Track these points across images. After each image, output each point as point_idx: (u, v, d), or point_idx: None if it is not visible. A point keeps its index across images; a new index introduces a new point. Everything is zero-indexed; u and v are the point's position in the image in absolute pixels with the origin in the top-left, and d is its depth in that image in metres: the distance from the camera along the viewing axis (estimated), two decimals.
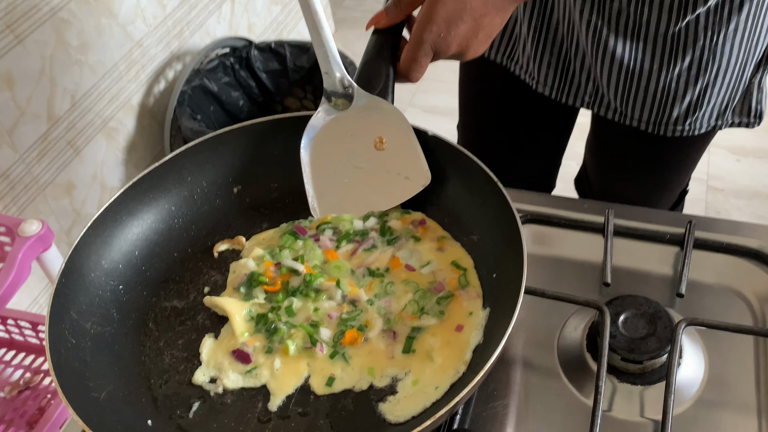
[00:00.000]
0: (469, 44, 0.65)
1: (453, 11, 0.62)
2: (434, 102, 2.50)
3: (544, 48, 0.91)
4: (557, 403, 0.66)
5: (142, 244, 0.69)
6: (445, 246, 0.69)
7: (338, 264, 0.67)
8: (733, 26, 0.79)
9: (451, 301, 0.64)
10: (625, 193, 1.04)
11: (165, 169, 0.70)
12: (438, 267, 0.67)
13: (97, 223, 0.65)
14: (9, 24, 1.40)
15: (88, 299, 0.63)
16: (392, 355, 0.61)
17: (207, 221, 0.72)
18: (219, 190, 0.73)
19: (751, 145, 2.26)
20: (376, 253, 0.68)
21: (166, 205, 0.71)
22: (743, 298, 0.73)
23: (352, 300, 0.65)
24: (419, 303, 0.64)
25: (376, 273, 0.67)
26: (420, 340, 0.62)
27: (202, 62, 1.96)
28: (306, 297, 0.65)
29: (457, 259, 0.68)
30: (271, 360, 0.61)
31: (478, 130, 1.13)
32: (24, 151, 1.50)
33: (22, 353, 1.31)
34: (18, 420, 1.21)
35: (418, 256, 0.68)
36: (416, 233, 0.69)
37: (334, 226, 0.70)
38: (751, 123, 0.91)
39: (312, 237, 0.70)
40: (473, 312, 0.64)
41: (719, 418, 0.64)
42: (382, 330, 0.63)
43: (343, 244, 0.69)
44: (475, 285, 0.66)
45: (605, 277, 0.73)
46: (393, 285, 0.66)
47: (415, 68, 0.65)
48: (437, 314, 0.64)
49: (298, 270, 0.66)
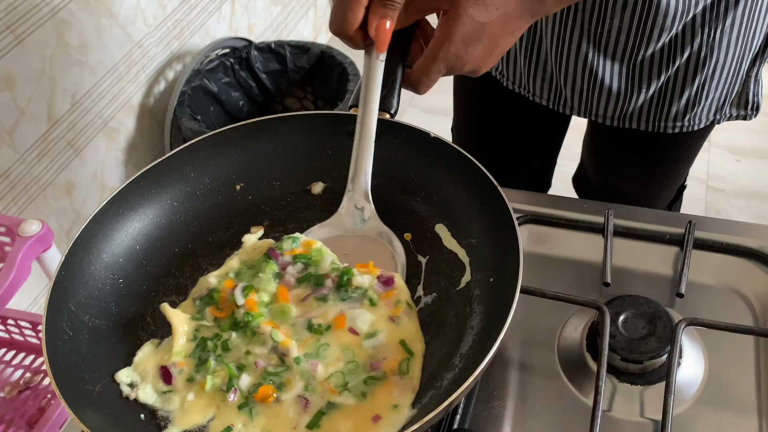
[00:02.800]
0: (484, 64, 0.64)
1: (472, 32, 0.61)
2: (434, 102, 2.50)
3: (537, 67, 0.91)
4: (557, 403, 0.66)
5: (144, 238, 0.69)
6: (400, 317, 0.62)
7: (283, 308, 0.63)
8: (730, 21, 0.80)
9: (380, 385, 0.58)
10: (624, 190, 1.04)
11: (168, 164, 0.70)
12: (383, 342, 0.60)
13: (99, 217, 0.65)
14: (9, 24, 1.41)
15: (87, 292, 0.63)
16: (296, 425, 0.56)
17: (209, 217, 0.72)
18: (221, 186, 0.73)
19: (751, 145, 2.26)
20: (324, 306, 0.63)
21: (168, 200, 0.71)
22: (743, 298, 0.73)
23: (282, 353, 0.60)
24: (345, 376, 0.58)
25: (315, 329, 0.61)
26: (330, 417, 0.56)
27: (202, 62, 1.96)
28: (244, 335, 0.61)
29: (408, 339, 0.61)
30: (188, 390, 0.59)
31: (472, 133, 1.13)
32: (24, 151, 1.50)
33: (22, 353, 1.31)
34: (18, 420, 1.21)
35: (367, 321, 0.62)
36: (374, 296, 0.63)
37: (308, 263, 0.66)
38: (748, 115, 0.92)
39: (281, 265, 0.66)
40: (399, 406, 0.57)
41: (719, 418, 0.64)
42: (298, 395, 0.58)
43: (302, 285, 0.65)
44: (414, 376, 0.59)
45: (605, 277, 0.73)
46: (327, 348, 0.60)
47: (426, 82, 0.64)
48: (358, 395, 0.57)
49: (239, 303, 0.62)
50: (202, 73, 1.93)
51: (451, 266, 0.66)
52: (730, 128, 2.29)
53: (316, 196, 0.73)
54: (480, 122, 1.11)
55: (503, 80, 0.97)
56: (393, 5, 0.62)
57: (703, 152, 2.28)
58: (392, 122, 0.69)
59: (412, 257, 0.68)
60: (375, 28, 0.62)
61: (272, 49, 2.04)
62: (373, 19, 0.62)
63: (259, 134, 0.73)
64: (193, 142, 0.71)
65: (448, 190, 0.69)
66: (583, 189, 1.17)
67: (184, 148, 0.71)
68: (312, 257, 0.66)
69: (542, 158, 1.16)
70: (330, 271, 0.65)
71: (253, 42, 2.08)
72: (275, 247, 0.67)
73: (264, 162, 0.73)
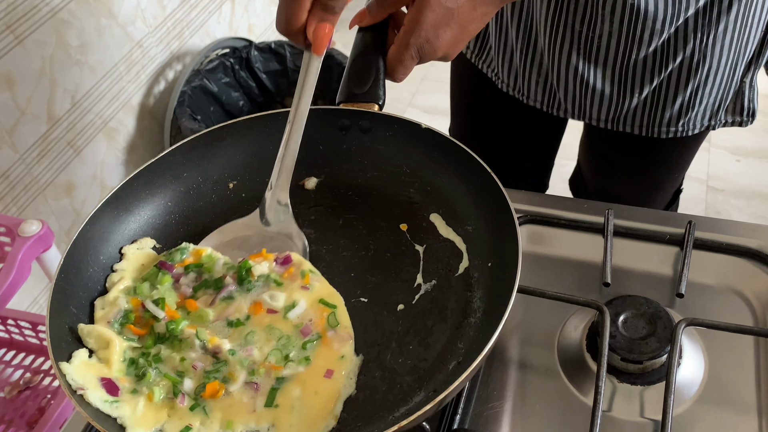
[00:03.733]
0: (455, 49, 0.66)
1: (441, 17, 0.63)
2: (434, 102, 2.50)
3: (532, 69, 0.92)
4: (557, 403, 0.66)
5: (139, 239, 0.69)
6: (311, 282, 0.64)
7: (200, 313, 0.62)
8: (723, 27, 0.80)
9: (319, 345, 0.60)
10: (620, 193, 1.04)
11: (161, 165, 0.70)
12: (305, 308, 0.62)
13: (95, 219, 0.65)
14: (9, 24, 1.41)
15: (87, 294, 0.63)
16: (254, 408, 0.57)
17: (203, 216, 0.72)
18: (214, 185, 0.73)
19: (751, 145, 2.26)
20: (234, 303, 0.63)
21: (163, 200, 0.71)
22: (743, 298, 0.73)
23: (214, 351, 0.60)
24: (282, 351, 0.59)
25: (236, 324, 0.62)
26: (284, 390, 0.57)
27: (202, 63, 1.97)
28: (171, 345, 0.60)
29: (326, 296, 0.63)
30: (136, 401, 0.58)
31: (468, 136, 1.13)
32: (24, 151, 1.50)
33: (22, 353, 1.31)
34: (18, 420, 1.21)
35: (282, 297, 0.63)
36: (277, 278, 0.64)
37: (201, 271, 0.65)
38: (744, 121, 0.92)
39: (174, 277, 0.65)
40: (345, 356, 0.59)
41: (719, 419, 0.64)
42: (245, 383, 0.58)
43: (200, 293, 0.64)
44: (345, 325, 0.61)
45: (605, 277, 0.73)
46: (254, 333, 0.61)
47: (401, 70, 0.66)
48: (302, 360, 0.59)
49: (158, 317, 0.61)
50: (202, 73, 1.93)
51: (448, 253, 0.67)
52: (730, 128, 2.29)
53: (309, 191, 0.73)
54: (477, 125, 1.11)
55: (499, 83, 0.97)
56: (332, 9, 0.63)
57: (703, 152, 2.28)
58: (383, 115, 0.69)
59: (409, 247, 0.68)
60: (313, 31, 0.64)
61: (272, 49, 2.04)
62: (311, 21, 0.64)
63: (250, 132, 0.73)
64: (185, 142, 0.71)
65: (441, 179, 0.70)
66: (580, 191, 1.17)
67: (176, 148, 0.71)
68: (204, 264, 0.66)
69: (539, 160, 1.16)
70: (226, 271, 0.65)
71: (253, 42, 2.08)
72: (166, 259, 0.66)
73: (256, 159, 0.73)
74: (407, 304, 0.64)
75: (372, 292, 0.66)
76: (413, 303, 0.64)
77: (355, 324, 0.63)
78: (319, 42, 0.64)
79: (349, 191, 0.73)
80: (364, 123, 0.72)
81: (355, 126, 0.72)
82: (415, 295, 0.65)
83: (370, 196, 0.71)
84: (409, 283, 0.66)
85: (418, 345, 0.61)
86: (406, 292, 0.65)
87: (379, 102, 0.69)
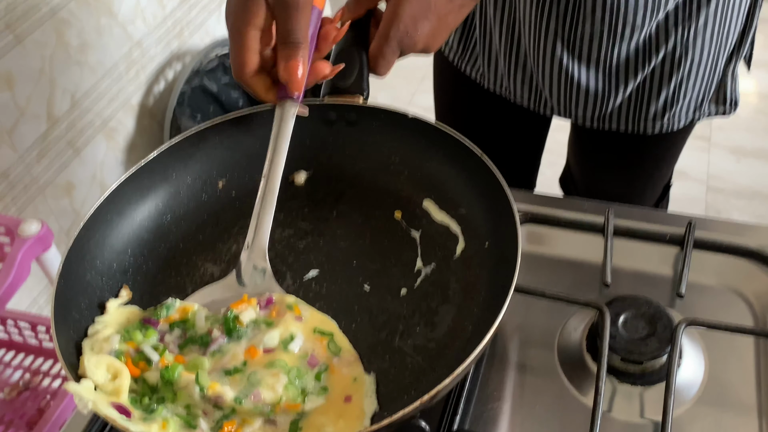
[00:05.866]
0: (435, 42, 0.66)
1: (419, 10, 0.63)
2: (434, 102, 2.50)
3: (516, 68, 0.92)
4: (557, 403, 0.66)
5: (135, 242, 0.69)
6: (302, 315, 0.62)
7: (194, 361, 0.57)
8: (703, 20, 0.80)
9: (330, 373, 0.58)
10: (609, 190, 1.04)
11: (150, 167, 0.70)
12: (304, 338, 0.60)
13: (90, 224, 0.65)
14: (9, 24, 1.41)
15: (88, 299, 0.63)
16: None
17: (195, 216, 0.72)
18: (204, 185, 0.73)
19: (751, 145, 2.26)
20: (228, 354, 0.58)
21: (153, 202, 0.71)
22: (743, 298, 0.73)
23: (215, 401, 0.55)
24: (297, 385, 0.56)
25: (233, 371, 0.57)
26: (307, 422, 0.54)
27: (201, 62, 1.96)
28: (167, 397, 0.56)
29: (319, 323, 0.61)
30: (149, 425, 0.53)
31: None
32: (24, 151, 1.50)
33: (21, 354, 1.31)
34: (17, 421, 1.21)
35: (276, 335, 0.59)
36: (267, 320, 0.61)
37: (186, 328, 0.61)
38: (727, 111, 0.93)
39: (159, 334, 0.60)
40: (357, 378, 0.58)
41: (719, 419, 0.63)
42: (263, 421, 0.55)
43: (186, 350, 0.59)
44: (347, 348, 0.60)
45: (605, 278, 0.73)
46: (257, 373, 0.56)
47: (383, 63, 0.66)
48: (320, 391, 0.56)
49: (152, 360, 0.57)
50: (202, 73, 1.93)
51: (444, 237, 0.68)
52: (730, 128, 2.29)
53: (300, 186, 0.73)
54: (462, 125, 1.12)
55: (483, 82, 0.97)
56: (294, 44, 0.59)
57: (703, 152, 2.28)
58: (369, 107, 0.70)
59: (405, 233, 0.69)
60: (282, 70, 0.60)
61: None
62: (279, 62, 0.60)
63: (236, 129, 0.73)
64: (172, 143, 0.71)
65: (431, 165, 0.70)
66: (570, 189, 1.18)
67: (165, 150, 0.71)
68: (189, 320, 0.61)
69: (525, 159, 1.16)
70: (210, 325, 0.60)
71: None
72: (151, 315, 0.62)
73: (243, 157, 0.73)
74: (409, 288, 0.65)
75: (374, 278, 0.66)
76: (415, 287, 0.65)
77: (361, 312, 0.63)
78: (293, 78, 0.60)
79: (339, 183, 0.73)
80: (351, 115, 0.72)
81: (342, 119, 0.72)
82: (416, 279, 0.66)
83: (362, 186, 0.71)
84: (409, 267, 0.66)
85: (425, 326, 0.62)
86: (408, 277, 0.66)
87: (363, 94, 0.69)
